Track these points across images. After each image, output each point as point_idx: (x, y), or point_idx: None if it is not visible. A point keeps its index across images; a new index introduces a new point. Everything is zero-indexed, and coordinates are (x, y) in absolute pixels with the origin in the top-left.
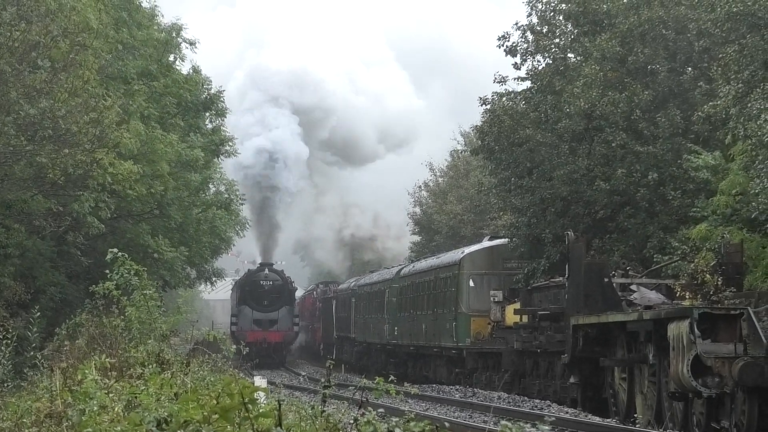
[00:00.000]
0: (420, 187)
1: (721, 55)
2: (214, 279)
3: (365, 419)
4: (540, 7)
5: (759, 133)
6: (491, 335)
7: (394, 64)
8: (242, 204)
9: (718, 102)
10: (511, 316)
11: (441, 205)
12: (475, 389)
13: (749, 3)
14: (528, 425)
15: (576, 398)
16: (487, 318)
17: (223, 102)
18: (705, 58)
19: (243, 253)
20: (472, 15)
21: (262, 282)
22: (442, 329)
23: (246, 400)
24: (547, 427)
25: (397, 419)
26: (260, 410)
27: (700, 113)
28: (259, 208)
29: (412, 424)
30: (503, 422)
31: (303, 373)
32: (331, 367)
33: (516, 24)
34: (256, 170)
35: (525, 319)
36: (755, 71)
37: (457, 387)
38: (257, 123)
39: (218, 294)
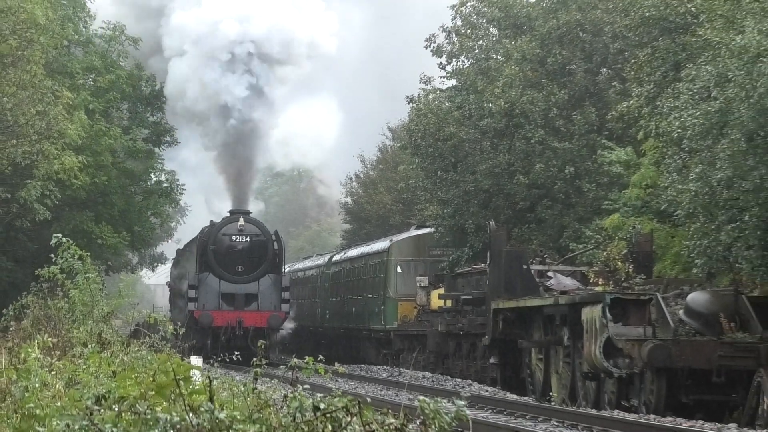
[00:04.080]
0: (351, 178)
1: (633, 60)
2: (155, 264)
3: (293, 395)
4: (464, 11)
5: (668, 130)
6: (417, 318)
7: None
8: (182, 193)
9: (631, 101)
10: (435, 301)
11: (371, 196)
12: (402, 369)
13: (661, 8)
14: (445, 400)
15: (496, 377)
16: (413, 302)
17: (164, 97)
18: (619, 60)
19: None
20: (400, 17)
21: (234, 237)
22: (371, 313)
23: (179, 378)
24: (462, 402)
25: (322, 395)
26: (194, 387)
27: (614, 112)
28: (232, 141)
29: (336, 399)
30: (421, 397)
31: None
32: (263, 347)
33: (442, 26)
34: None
35: (449, 303)
36: (666, 73)
37: (385, 367)
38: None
39: (159, 279)
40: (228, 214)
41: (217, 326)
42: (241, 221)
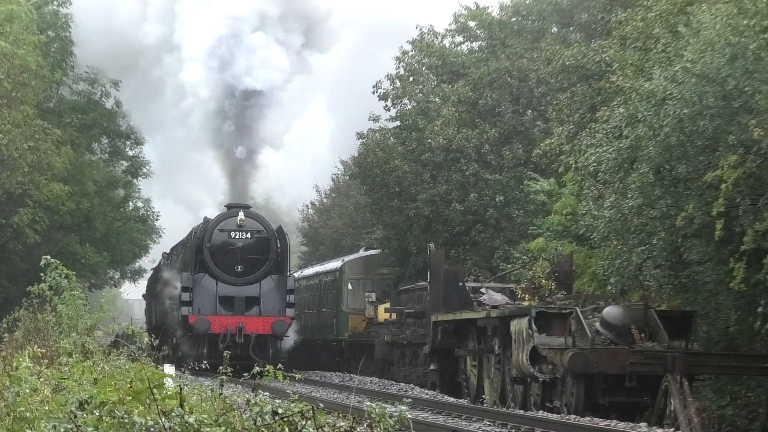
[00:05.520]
0: (308, 206)
1: (555, 103)
2: (136, 277)
3: (254, 400)
4: (407, 60)
5: (586, 164)
6: (366, 330)
7: None
8: (157, 219)
9: (553, 139)
10: (382, 314)
11: (325, 221)
12: (352, 374)
13: (579, 57)
14: (389, 405)
15: (435, 382)
16: (362, 315)
17: (140, 132)
18: (543, 103)
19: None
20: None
21: (232, 234)
22: (325, 325)
23: (153, 385)
24: (404, 407)
25: (280, 400)
26: (166, 393)
27: (538, 149)
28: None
29: (293, 404)
30: (368, 402)
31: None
32: (228, 356)
33: (387, 75)
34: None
35: (394, 316)
36: (584, 114)
37: (337, 373)
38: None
39: (137, 294)
40: (226, 207)
41: (214, 333)
42: (241, 215)
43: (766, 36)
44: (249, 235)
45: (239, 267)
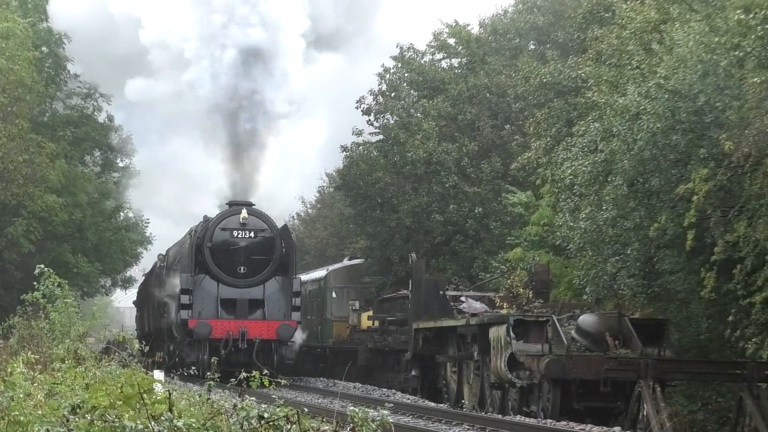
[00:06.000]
0: (293, 216)
1: (532, 118)
2: (127, 285)
3: (241, 405)
4: (388, 76)
5: (562, 177)
6: (349, 337)
7: None
8: (147, 226)
9: (531, 153)
10: (365, 322)
11: (311, 231)
12: (336, 380)
13: (556, 74)
14: (371, 410)
15: (416, 387)
16: (346, 323)
17: (132, 144)
18: (520, 118)
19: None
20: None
21: (235, 233)
22: (310, 332)
23: (143, 390)
24: (386, 411)
25: (266, 405)
26: (156, 398)
27: (516, 163)
28: (230, 123)
29: (278, 409)
30: (351, 407)
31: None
32: (215, 362)
33: (370, 90)
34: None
35: (377, 323)
36: (560, 129)
37: (321, 378)
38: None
39: (128, 302)
40: (228, 205)
41: (215, 338)
42: (244, 213)
43: (737, 53)
44: (252, 234)
45: (242, 268)
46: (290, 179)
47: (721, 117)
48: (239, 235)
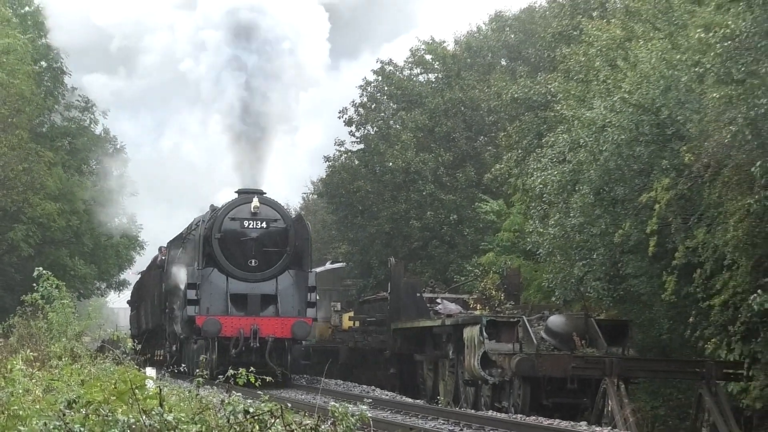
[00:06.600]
0: None
1: (504, 131)
2: (121, 288)
3: (228, 401)
4: (369, 89)
5: (532, 186)
6: (332, 336)
7: None
8: (140, 230)
9: (503, 163)
10: (347, 322)
11: None
12: (318, 377)
13: (527, 90)
14: (351, 405)
15: (395, 384)
16: (328, 323)
17: (126, 154)
18: (493, 130)
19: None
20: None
21: (246, 223)
22: None
23: (135, 386)
24: (365, 406)
25: (252, 400)
26: (147, 394)
27: (489, 174)
28: (240, 108)
29: (263, 404)
30: (332, 402)
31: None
32: (204, 361)
33: (352, 102)
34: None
35: (357, 324)
36: (530, 141)
37: (305, 375)
38: None
39: (122, 303)
40: (237, 193)
41: (225, 336)
42: (255, 202)
43: (697, 70)
44: (264, 225)
45: (253, 261)
46: (280, 182)
47: (682, 129)
48: (250, 226)
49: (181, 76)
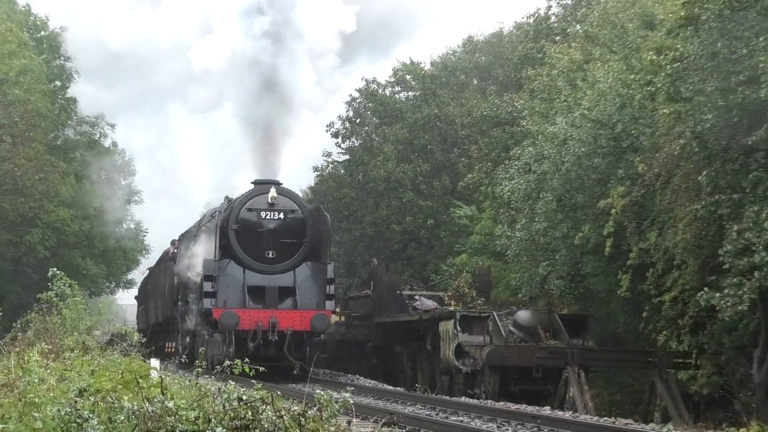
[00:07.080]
0: None
1: (476, 145)
2: (128, 286)
3: (224, 389)
4: (354, 105)
5: (501, 194)
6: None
7: None
8: (145, 235)
9: (474, 174)
10: (333, 317)
11: None
12: (309, 368)
13: (494, 109)
14: (335, 392)
15: (377, 373)
16: None
17: (133, 166)
18: (466, 143)
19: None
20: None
21: (263, 214)
22: None
23: (140, 376)
24: (348, 394)
25: (245, 389)
26: (151, 383)
27: (462, 183)
28: (257, 95)
29: (255, 392)
30: (318, 390)
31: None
32: (202, 353)
33: (339, 116)
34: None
35: (343, 319)
36: (499, 154)
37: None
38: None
39: (129, 300)
40: (253, 184)
41: (242, 330)
42: (273, 192)
43: (650, 88)
44: (282, 216)
45: (270, 252)
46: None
47: (636, 143)
48: (267, 217)
49: (188, 63)
